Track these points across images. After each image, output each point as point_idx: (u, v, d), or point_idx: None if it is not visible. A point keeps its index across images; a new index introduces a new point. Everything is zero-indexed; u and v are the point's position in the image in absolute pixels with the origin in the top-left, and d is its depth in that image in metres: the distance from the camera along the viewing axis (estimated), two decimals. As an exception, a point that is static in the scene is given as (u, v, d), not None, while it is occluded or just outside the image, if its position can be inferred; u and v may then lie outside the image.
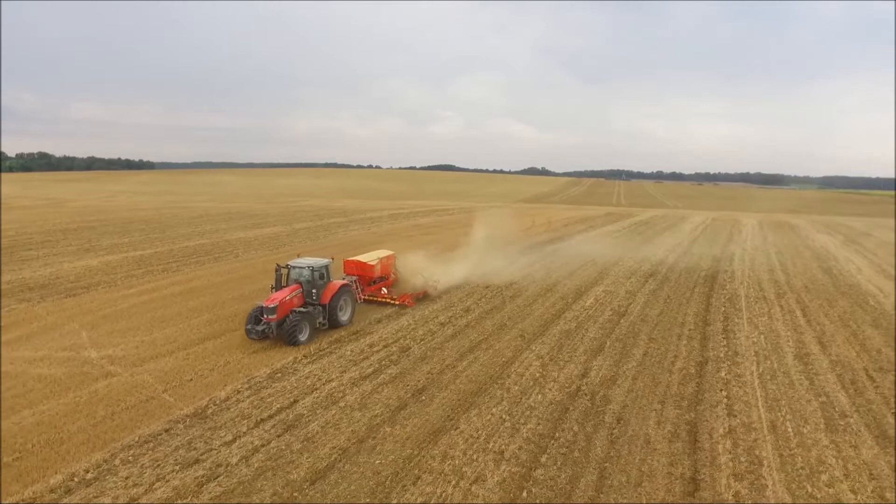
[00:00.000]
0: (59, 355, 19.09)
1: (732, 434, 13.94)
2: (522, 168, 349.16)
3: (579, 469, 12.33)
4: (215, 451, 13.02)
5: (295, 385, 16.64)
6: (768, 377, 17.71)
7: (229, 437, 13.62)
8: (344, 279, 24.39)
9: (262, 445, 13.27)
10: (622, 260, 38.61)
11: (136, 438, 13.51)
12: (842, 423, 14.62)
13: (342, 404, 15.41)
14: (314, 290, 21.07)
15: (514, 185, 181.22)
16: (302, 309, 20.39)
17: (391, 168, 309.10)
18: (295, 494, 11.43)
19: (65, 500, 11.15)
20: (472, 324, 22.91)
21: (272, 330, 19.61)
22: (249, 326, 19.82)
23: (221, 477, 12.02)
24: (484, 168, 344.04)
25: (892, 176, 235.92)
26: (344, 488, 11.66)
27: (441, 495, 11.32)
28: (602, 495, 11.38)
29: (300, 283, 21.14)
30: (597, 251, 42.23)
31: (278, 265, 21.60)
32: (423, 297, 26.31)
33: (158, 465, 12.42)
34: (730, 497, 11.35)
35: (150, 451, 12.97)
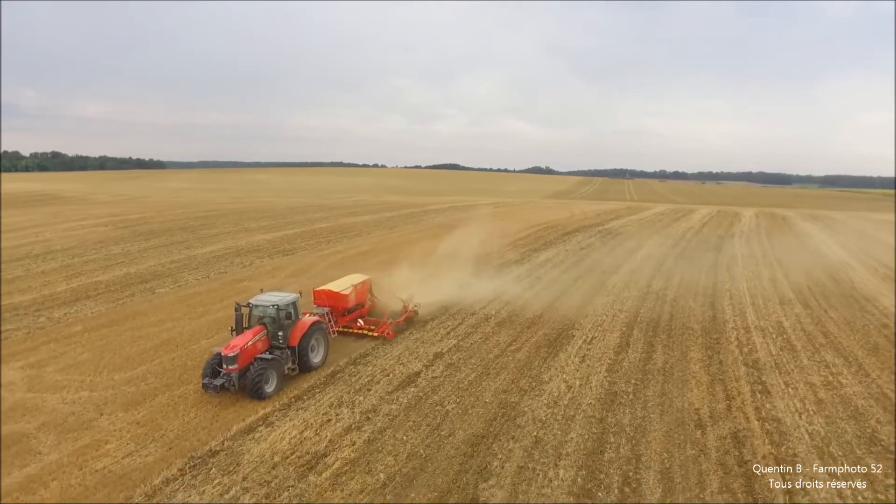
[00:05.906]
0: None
1: (731, 304, 28.12)
2: (526, 167, 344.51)
3: (660, 312, 26.37)
4: (461, 327, 26.29)
5: (480, 293, 30.09)
6: (752, 286, 32.06)
7: (462, 323, 27.30)
8: (314, 312, 21.48)
9: (478, 329, 26.89)
10: (652, 236, 52.60)
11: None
12: (788, 302, 28.80)
13: (526, 295, 29.15)
14: (281, 333, 18.55)
15: (528, 184, 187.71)
16: (267, 355, 17.94)
17: (396, 167, 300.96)
18: (520, 333, 25.04)
19: (386, 351, 24.47)
20: (574, 264, 37.00)
21: (233, 382, 17.02)
22: (207, 380, 17.11)
23: (472, 336, 25.60)
24: (488, 167, 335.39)
25: (893, 175, 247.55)
26: (559, 314, 25.30)
27: (602, 321, 25.01)
28: (674, 319, 25.21)
29: (264, 325, 18.58)
30: (632, 231, 56.22)
31: (238, 304, 18.69)
32: (404, 322, 24.30)
33: (438, 329, 25.47)
34: (729, 318, 25.24)
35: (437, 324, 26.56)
